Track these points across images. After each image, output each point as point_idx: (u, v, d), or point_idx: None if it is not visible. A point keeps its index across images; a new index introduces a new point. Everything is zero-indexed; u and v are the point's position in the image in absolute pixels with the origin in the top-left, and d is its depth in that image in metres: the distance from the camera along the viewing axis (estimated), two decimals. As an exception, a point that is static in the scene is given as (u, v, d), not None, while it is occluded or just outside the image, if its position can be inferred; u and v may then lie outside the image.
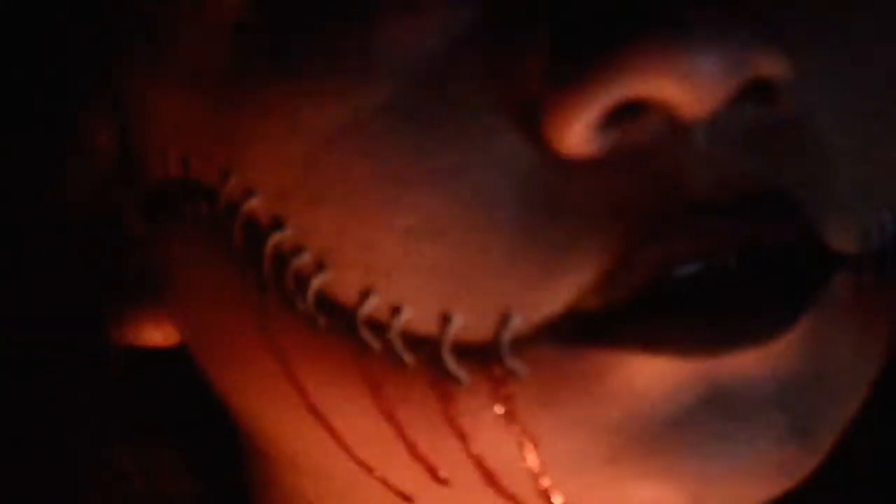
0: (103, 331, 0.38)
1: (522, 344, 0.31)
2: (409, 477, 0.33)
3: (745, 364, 0.31)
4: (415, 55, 0.31)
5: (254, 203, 0.32)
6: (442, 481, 0.33)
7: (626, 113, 0.30)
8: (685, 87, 0.29)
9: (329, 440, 0.34)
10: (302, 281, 0.32)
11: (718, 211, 0.30)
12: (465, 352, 0.31)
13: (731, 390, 0.31)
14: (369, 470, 0.34)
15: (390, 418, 0.32)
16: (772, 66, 0.30)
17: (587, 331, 0.31)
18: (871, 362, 0.34)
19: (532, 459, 0.31)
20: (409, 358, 0.31)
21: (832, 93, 0.32)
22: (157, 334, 0.38)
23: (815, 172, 0.31)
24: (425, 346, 0.31)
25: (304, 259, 0.32)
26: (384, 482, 0.34)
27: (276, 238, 0.32)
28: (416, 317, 0.31)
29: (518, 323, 0.31)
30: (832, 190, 0.32)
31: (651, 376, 0.31)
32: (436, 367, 0.31)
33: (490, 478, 0.32)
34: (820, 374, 0.32)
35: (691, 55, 0.29)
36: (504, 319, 0.31)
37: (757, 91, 0.30)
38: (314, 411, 0.33)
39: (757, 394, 0.31)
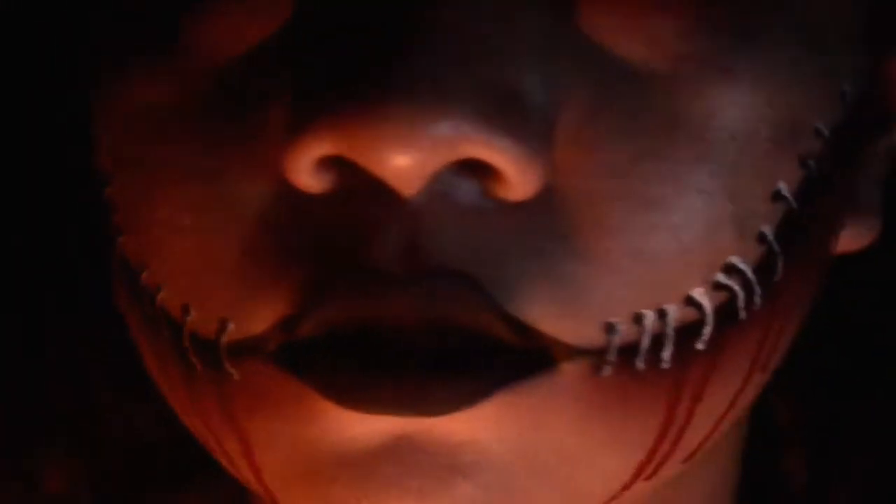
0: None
1: (241, 351, 0.32)
2: (192, 424, 0.35)
3: (440, 426, 0.31)
4: (219, 57, 0.32)
5: (99, 153, 0.35)
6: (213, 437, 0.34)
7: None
8: (381, 163, 0.29)
9: None
10: (114, 235, 0.34)
11: (396, 282, 0.30)
12: (200, 344, 0.33)
13: (417, 447, 0.31)
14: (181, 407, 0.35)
15: (167, 375, 0.34)
16: (490, 150, 0.29)
17: (291, 355, 0.31)
18: (613, 450, 0.32)
19: (251, 456, 0.33)
20: (165, 333, 0.33)
21: (600, 189, 0.31)
22: None
23: (540, 264, 0.30)
24: (175, 328, 0.33)
25: (117, 217, 0.34)
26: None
27: (107, 190, 0.35)
28: (169, 300, 0.33)
29: (233, 330, 0.32)
30: (567, 285, 0.31)
31: (336, 415, 0.31)
32: (181, 349, 0.33)
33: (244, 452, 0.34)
34: (527, 455, 0.31)
35: (385, 131, 0.28)
36: (222, 324, 0.32)
37: (485, 170, 0.30)
38: None
39: (444, 458, 0.31)
